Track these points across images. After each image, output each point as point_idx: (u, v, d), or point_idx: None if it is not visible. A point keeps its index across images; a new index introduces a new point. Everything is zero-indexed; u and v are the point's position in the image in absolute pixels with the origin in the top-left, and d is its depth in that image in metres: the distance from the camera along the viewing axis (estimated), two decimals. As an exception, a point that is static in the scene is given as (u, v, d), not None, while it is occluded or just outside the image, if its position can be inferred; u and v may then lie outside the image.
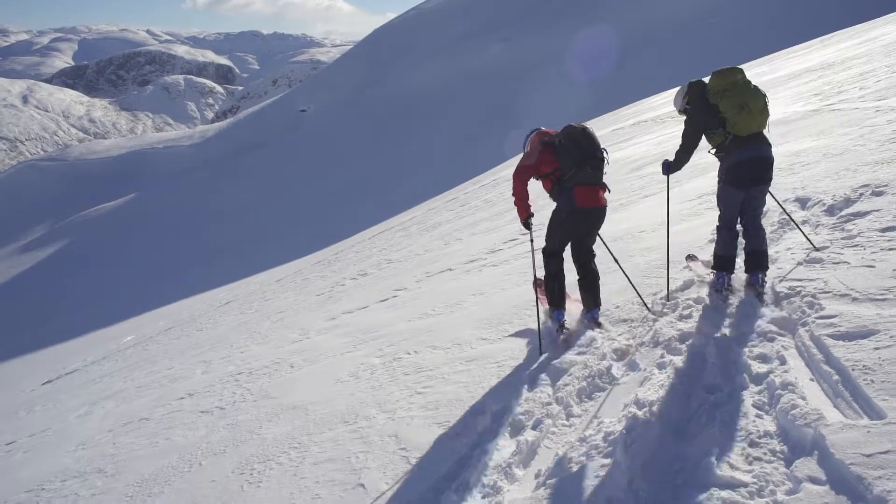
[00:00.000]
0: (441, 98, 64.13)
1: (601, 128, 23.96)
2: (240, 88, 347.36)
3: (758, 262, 4.42)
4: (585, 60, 59.74)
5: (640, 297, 4.93)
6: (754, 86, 4.32)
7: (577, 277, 4.73)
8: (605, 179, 4.69)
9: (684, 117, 4.64)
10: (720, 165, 4.57)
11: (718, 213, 4.71)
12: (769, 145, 4.39)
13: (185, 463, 4.91)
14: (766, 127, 4.37)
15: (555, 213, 4.67)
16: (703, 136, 4.52)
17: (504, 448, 3.49)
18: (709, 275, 4.88)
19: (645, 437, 3.08)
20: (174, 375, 9.34)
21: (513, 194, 4.63)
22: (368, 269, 13.40)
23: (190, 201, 58.78)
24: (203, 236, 49.91)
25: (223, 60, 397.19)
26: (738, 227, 4.61)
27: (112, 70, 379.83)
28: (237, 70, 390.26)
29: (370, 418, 4.48)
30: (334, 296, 11.58)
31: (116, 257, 50.70)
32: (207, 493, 4.21)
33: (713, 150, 4.60)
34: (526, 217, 4.61)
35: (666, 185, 5.32)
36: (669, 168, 4.81)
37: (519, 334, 5.17)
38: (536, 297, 4.97)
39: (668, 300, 4.80)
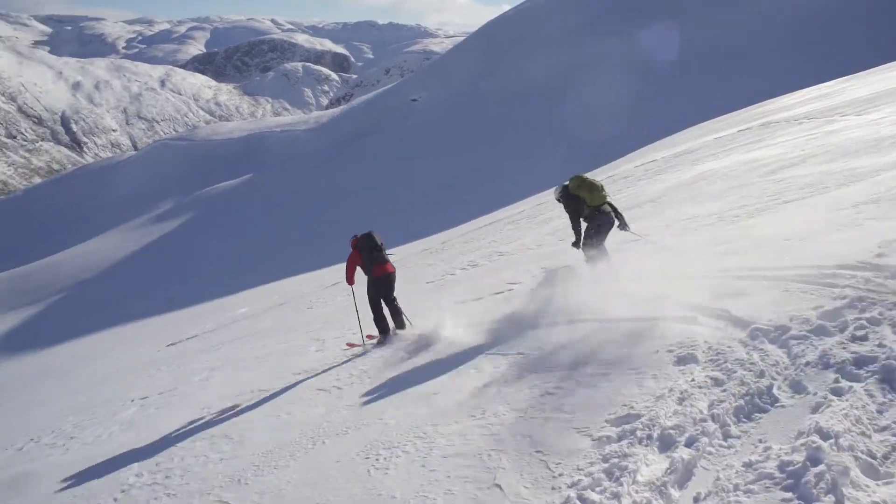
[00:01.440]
0: (555, 91, 63.06)
1: (722, 129, 22.55)
2: (354, 76, 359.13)
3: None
4: (708, 55, 56.63)
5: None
6: (593, 181, 7.35)
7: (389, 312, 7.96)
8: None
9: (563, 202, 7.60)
10: (588, 224, 7.40)
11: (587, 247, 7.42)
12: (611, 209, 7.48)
13: (307, 439, 4.95)
14: (607, 198, 7.40)
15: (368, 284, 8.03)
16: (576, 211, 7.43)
17: (654, 464, 3.20)
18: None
19: (832, 471, 2.70)
20: (288, 350, 9.60)
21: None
22: (479, 261, 13.27)
23: (303, 184, 61.29)
24: (313, 218, 51.90)
25: (340, 49, 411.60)
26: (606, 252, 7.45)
27: (238, 57, 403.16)
28: (352, 59, 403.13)
29: (499, 415, 4.30)
30: (445, 285, 11.53)
31: (233, 233, 53.79)
32: (333, 474, 4.20)
33: (583, 218, 7.41)
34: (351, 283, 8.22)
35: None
36: (576, 244, 7.51)
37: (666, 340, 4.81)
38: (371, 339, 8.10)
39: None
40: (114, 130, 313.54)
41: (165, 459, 5.51)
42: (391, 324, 7.94)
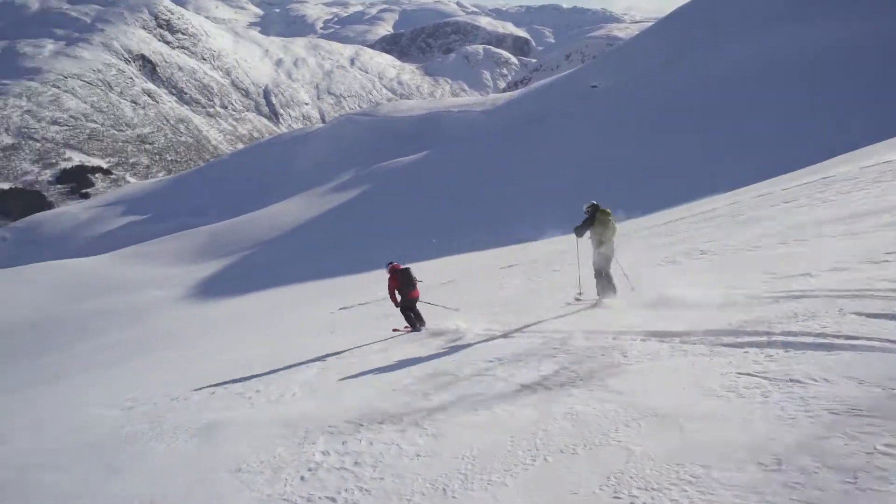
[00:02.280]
0: (750, 84, 57.12)
1: None
2: (533, 61, 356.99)
3: (613, 289, 9.13)
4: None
5: None
6: (613, 219, 9.11)
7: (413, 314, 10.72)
8: None
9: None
10: (594, 245, 9.20)
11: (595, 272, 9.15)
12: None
13: (523, 451, 4.06)
14: (614, 236, 9.14)
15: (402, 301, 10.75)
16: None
17: None
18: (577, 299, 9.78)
19: None
20: (472, 334, 8.98)
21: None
22: (677, 257, 11.79)
23: (476, 164, 61.65)
24: (484, 198, 51.98)
25: (521, 33, 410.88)
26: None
27: (422, 38, 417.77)
28: (533, 42, 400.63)
29: (808, 471, 3.01)
30: (642, 280, 10.27)
31: (407, 207, 55.56)
32: (572, 510, 3.29)
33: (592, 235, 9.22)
34: (397, 305, 10.75)
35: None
36: (577, 234, 9.47)
37: None
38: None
39: None
40: (306, 104, 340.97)
41: (353, 440, 5.01)
42: (417, 323, 10.78)
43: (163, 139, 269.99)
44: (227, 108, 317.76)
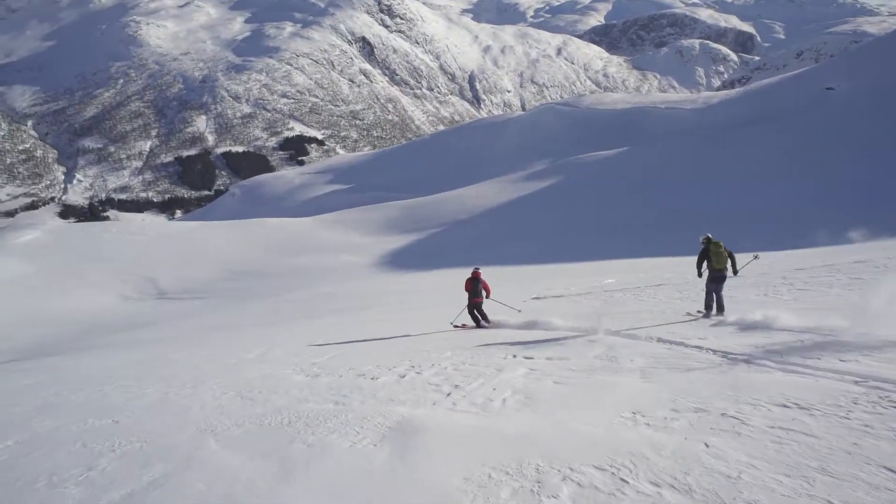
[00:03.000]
0: None
1: None
2: (756, 58, 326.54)
3: (721, 308, 10.28)
4: None
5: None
6: (724, 248, 10.34)
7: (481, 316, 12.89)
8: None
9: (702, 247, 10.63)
10: (708, 274, 10.46)
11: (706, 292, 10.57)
12: (725, 270, 10.34)
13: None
14: (727, 263, 10.32)
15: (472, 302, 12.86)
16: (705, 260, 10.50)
17: None
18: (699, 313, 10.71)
19: None
20: (678, 352, 7.61)
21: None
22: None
23: (681, 165, 57.26)
24: (685, 201, 48.08)
25: (746, 27, 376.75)
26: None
27: (634, 30, 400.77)
28: (758, 38, 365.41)
29: None
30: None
31: (600, 202, 53.26)
32: None
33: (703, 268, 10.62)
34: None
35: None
36: (698, 274, 10.75)
37: None
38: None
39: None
40: (508, 91, 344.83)
41: (601, 480, 3.94)
42: (482, 321, 12.77)
43: (372, 116, 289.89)
44: (433, 90, 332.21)
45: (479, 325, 12.74)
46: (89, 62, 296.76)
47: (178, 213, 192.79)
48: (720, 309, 10.29)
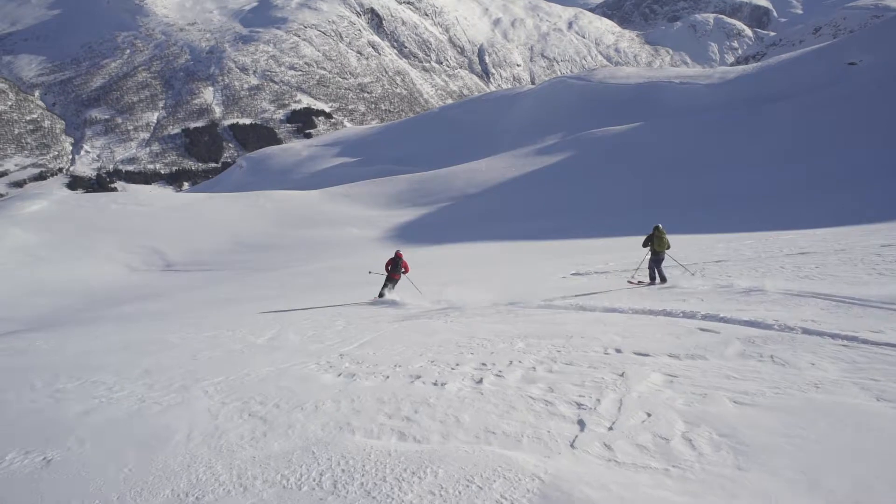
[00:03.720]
0: None
1: None
2: (771, 34, 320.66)
3: (664, 279, 12.55)
4: None
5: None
6: (666, 237, 12.73)
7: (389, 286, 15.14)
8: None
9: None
10: (651, 256, 12.91)
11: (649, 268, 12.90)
12: (664, 253, 12.79)
13: None
14: (666, 248, 12.75)
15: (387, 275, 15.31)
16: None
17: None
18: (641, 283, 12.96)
19: None
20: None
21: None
22: None
23: (697, 141, 55.97)
24: (701, 179, 46.97)
25: (762, 2, 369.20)
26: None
27: (647, 4, 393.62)
28: (774, 13, 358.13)
29: None
30: None
31: (610, 177, 52.19)
32: None
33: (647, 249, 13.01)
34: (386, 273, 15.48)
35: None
36: (643, 245, 13.13)
37: None
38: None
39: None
40: (518, 65, 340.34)
41: None
42: (386, 295, 14.72)
43: (380, 89, 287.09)
44: (441, 63, 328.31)
45: (380, 296, 14.80)
46: (95, 31, 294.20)
47: (186, 185, 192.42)
48: (662, 280, 12.63)
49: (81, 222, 54.81)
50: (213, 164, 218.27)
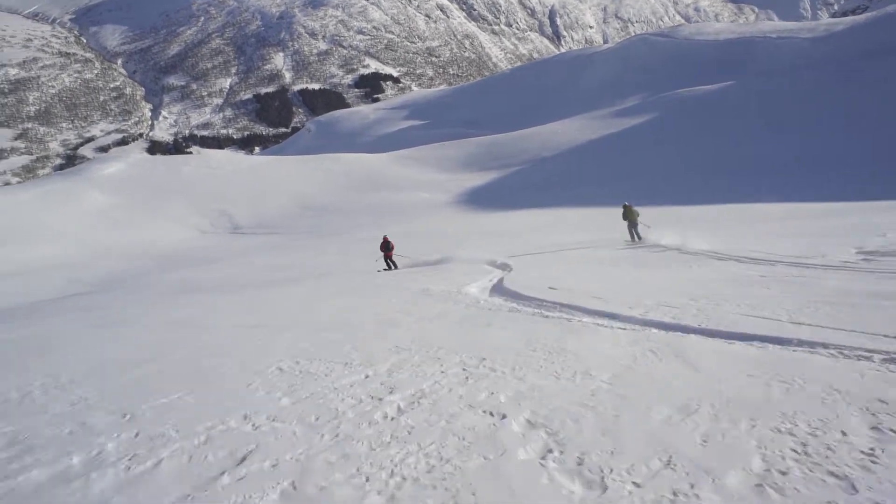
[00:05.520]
0: None
1: None
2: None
3: (640, 238, 16.67)
4: None
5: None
6: (634, 210, 16.87)
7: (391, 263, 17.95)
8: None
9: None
10: (627, 224, 17.23)
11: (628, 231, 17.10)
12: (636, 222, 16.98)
13: None
14: (636, 217, 16.80)
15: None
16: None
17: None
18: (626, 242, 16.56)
19: None
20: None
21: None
22: None
23: (798, 100, 50.36)
24: (807, 141, 42.00)
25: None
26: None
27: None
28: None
29: None
30: None
31: (696, 142, 47.69)
32: None
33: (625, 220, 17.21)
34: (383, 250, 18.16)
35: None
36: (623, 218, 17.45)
37: None
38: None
39: None
40: (590, 27, 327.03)
41: None
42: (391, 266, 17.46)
43: (448, 53, 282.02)
44: (511, 26, 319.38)
45: (393, 267, 17.39)
46: (172, 0, 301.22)
47: (257, 149, 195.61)
48: (639, 238, 16.31)
49: (155, 184, 55.00)
50: (283, 129, 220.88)
